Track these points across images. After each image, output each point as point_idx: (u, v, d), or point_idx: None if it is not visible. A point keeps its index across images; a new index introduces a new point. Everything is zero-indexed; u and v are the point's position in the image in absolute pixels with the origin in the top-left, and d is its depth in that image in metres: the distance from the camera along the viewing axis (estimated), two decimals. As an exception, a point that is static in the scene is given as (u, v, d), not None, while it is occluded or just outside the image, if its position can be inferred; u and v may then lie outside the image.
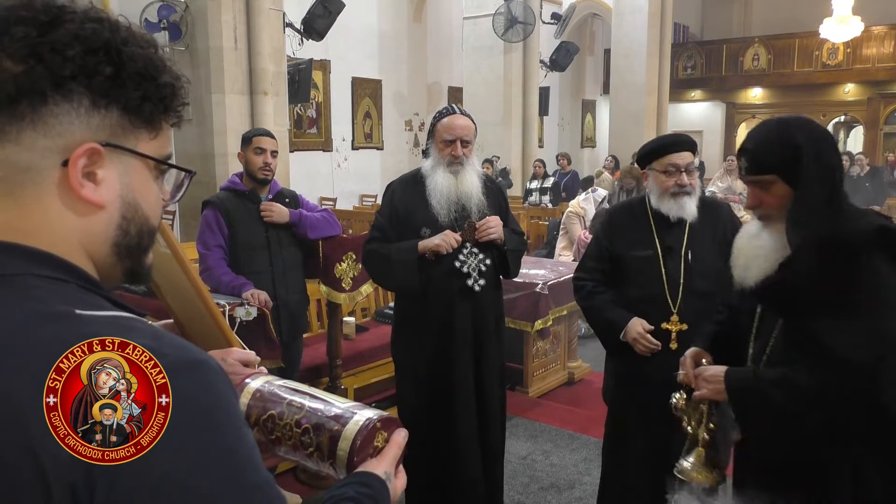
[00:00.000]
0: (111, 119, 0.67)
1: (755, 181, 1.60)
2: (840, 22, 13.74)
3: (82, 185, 0.66)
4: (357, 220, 8.44)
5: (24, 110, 0.63)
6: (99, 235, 0.69)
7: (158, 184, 0.75)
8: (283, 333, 3.14)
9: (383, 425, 0.88)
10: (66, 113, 0.64)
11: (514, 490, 3.36)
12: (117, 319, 0.64)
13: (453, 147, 2.63)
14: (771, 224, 1.62)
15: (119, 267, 0.73)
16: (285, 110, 7.04)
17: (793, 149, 1.54)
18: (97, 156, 0.66)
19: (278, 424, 0.90)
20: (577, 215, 6.29)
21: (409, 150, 12.65)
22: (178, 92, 0.72)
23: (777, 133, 1.59)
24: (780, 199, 1.57)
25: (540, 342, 4.69)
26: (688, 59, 17.75)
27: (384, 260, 2.68)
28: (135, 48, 0.68)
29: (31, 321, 0.61)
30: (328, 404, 0.90)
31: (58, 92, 0.64)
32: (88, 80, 0.65)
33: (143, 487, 0.58)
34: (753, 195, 1.63)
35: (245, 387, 0.94)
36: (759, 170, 1.58)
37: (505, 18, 10.27)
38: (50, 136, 0.64)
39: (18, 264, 0.64)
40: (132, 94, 0.67)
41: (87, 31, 0.65)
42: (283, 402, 0.91)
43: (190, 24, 6.10)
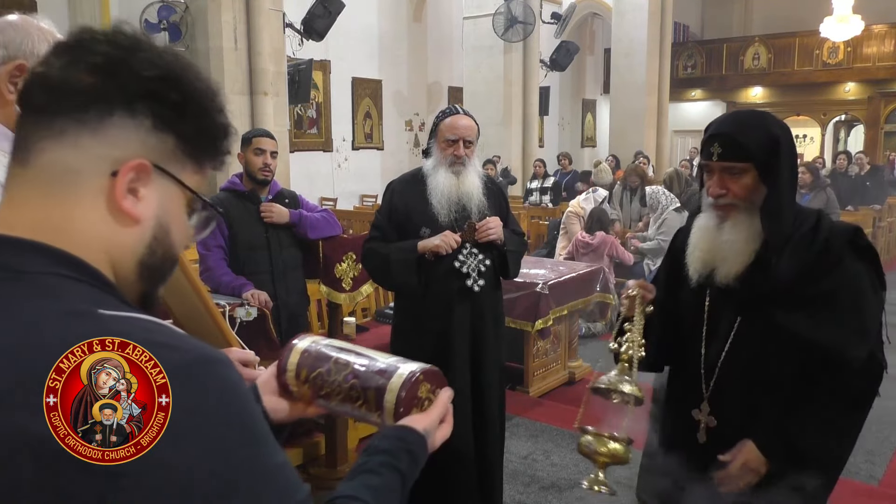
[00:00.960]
0: (166, 144, 0.71)
1: (728, 167, 1.55)
2: (840, 21, 13.75)
3: (124, 197, 0.69)
4: (357, 220, 8.44)
5: (91, 118, 0.67)
6: (128, 249, 0.71)
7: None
8: (284, 334, 3.14)
9: (426, 377, 0.93)
10: (127, 128, 0.68)
11: (515, 490, 3.36)
12: (137, 320, 0.65)
13: (456, 147, 2.63)
14: (732, 216, 1.58)
15: (137, 287, 0.74)
16: (285, 110, 7.05)
17: (772, 139, 1.52)
18: (144, 173, 0.69)
19: (327, 381, 0.95)
20: (576, 215, 6.29)
21: (409, 150, 12.65)
22: (228, 136, 0.77)
23: (757, 122, 1.56)
24: (747, 190, 1.54)
25: (540, 342, 4.69)
26: (688, 58, 17.75)
27: (383, 259, 2.68)
28: (202, 85, 0.73)
29: (52, 319, 0.62)
30: (373, 360, 0.94)
31: (125, 108, 0.68)
32: (155, 103, 0.69)
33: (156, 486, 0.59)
34: (721, 182, 1.56)
35: (293, 347, 0.99)
36: (737, 156, 1.53)
37: (505, 18, 10.27)
38: (106, 146, 0.68)
39: (42, 263, 0.65)
40: (190, 125, 0.72)
41: (163, 61, 0.70)
42: (330, 359, 0.96)
43: (190, 24, 6.11)
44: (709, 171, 1.59)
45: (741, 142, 1.52)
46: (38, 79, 0.69)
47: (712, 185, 1.58)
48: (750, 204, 1.56)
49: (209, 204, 0.79)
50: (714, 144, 1.55)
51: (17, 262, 0.65)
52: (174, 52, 0.73)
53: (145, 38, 0.72)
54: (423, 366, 0.94)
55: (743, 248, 1.57)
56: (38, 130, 0.68)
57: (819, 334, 1.50)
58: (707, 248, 1.63)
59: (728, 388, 1.67)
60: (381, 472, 0.84)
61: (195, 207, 0.78)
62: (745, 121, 1.58)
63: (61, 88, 0.67)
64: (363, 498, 0.80)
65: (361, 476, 0.84)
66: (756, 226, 1.56)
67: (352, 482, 0.83)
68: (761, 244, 1.57)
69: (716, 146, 1.55)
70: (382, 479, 0.84)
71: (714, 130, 1.58)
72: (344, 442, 3.39)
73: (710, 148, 1.55)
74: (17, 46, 1.41)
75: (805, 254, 1.54)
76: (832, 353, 1.53)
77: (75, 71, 0.67)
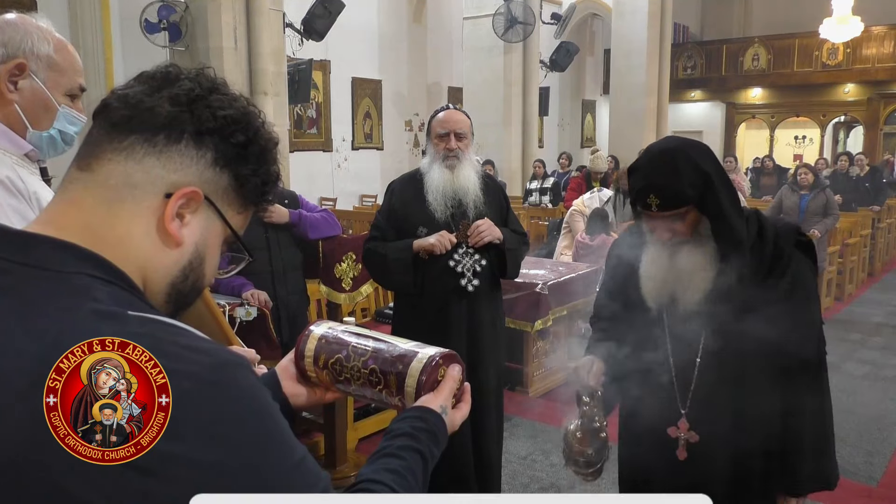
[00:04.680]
0: (220, 180, 0.76)
1: (670, 215, 1.55)
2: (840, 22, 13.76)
3: (172, 219, 0.73)
4: (357, 221, 8.44)
5: (160, 141, 0.72)
6: (163, 269, 0.75)
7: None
8: (283, 333, 3.14)
9: (444, 361, 0.94)
10: (189, 157, 0.74)
11: (515, 490, 3.36)
12: (164, 323, 0.67)
13: (447, 140, 2.63)
14: (684, 246, 1.61)
15: (162, 309, 0.77)
16: (285, 111, 7.05)
17: (703, 175, 1.53)
18: (195, 202, 0.74)
19: (346, 367, 0.96)
20: (580, 213, 6.27)
21: (409, 151, 12.65)
22: (276, 185, 0.82)
23: (684, 162, 1.54)
24: (692, 225, 1.57)
25: (540, 342, 4.69)
26: (688, 59, 17.75)
27: (381, 259, 2.69)
28: (265, 134, 0.80)
29: (87, 318, 0.63)
30: (391, 345, 0.96)
31: (193, 139, 0.74)
32: (221, 140, 0.75)
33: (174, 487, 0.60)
34: (667, 228, 1.58)
35: (310, 334, 1.00)
36: (676, 204, 1.53)
37: (505, 18, 10.27)
38: (167, 169, 0.73)
39: (77, 264, 0.68)
40: (247, 168, 0.77)
41: (236, 104, 0.77)
42: (348, 346, 0.97)
43: (190, 24, 6.10)
44: (649, 218, 1.60)
45: (677, 190, 1.52)
46: (120, 98, 0.74)
47: (658, 231, 1.60)
48: (698, 234, 1.59)
49: (245, 247, 0.85)
50: (650, 196, 1.54)
51: (57, 262, 0.67)
52: (246, 98, 0.80)
53: (223, 83, 0.78)
54: (441, 350, 0.95)
55: (703, 274, 1.60)
56: (109, 143, 0.73)
57: (783, 336, 1.52)
58: (663, 278, 1.65)
59: (707, 402, 1.67)
60: (402, 455, 0.86)
61: (230, 246, 0.83)
62: (674, 164, 1.54)
63: (141, 110, 0.72)
64: (384, 481, 0.82)
65: (382, 460, 0.85)
66: (710, 249, 1.59)
67: (373, 466, 0.85)
68: (718, 264, 1.59)
69: (653, 198, 1.54)
70: (403, 462, 0.85)
71: (647, 181, 1.56)
72: (343, 442, 3.39)
73: (647, 199, 1.54)
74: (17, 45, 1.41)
75: (759, 261, 1.59)
76: (799, 353, 1.58)
77: (158, 98, 0.73)
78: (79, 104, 1.53)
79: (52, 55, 1.45)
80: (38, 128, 1.47)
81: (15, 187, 1.39)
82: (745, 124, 18.59)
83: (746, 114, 18.23)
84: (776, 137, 18.11)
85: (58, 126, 1.49)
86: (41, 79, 1.44)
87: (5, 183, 1.37)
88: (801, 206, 6.77)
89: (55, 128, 1.48)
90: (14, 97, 1.42)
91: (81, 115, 1.53)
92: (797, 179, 6.89)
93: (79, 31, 7.08)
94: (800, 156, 17.23)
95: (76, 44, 5.70)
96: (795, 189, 6.87)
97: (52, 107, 1.46)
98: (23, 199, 1.39)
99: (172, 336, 0.65)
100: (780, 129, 18.15)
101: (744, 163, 14.43)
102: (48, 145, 1.50)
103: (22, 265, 0.67)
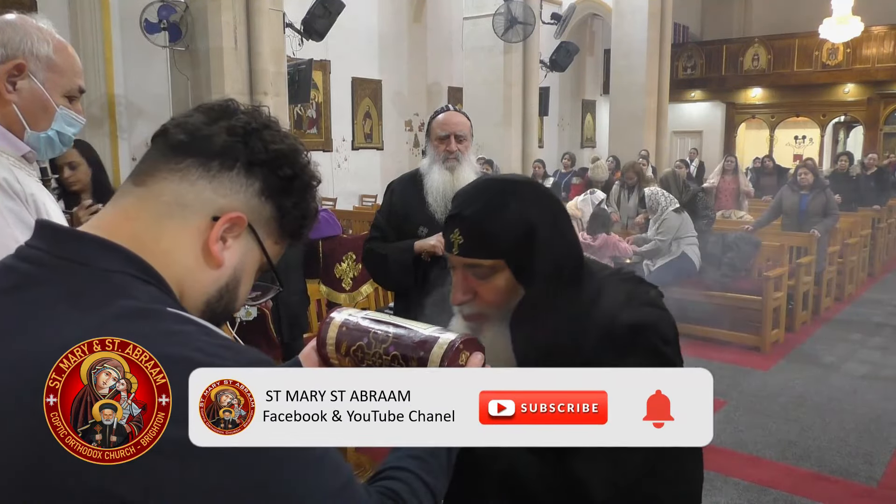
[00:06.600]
0: (264, 210, 0.80)
1: (473, 265, 1.12)
2: (840, 22, 13.77)
3: (216, 241, 0.77)
4: (357, 220, 8.44)
5: (214, 167, 0.77)
6: (200, 286, 0.78)
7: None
8: (284, 333, 3.15)
9: (465, 346, 0.94)
10: (239, 185, 0.78)
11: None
12: (200, 324, 0.71)
13: (447, 142, 2.63)
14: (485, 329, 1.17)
15: None
16: (285, 111, 7.04)
17: (526, 226, 1.10)
18: (239, 227, 0.79)
19: (367, 354, 0.96)
20: (573, 217, 6.30)
21: (409, 151, 12.65)
22: (314, 220, 0.87)
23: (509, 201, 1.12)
24: (499, 294, 1.13)
25: (540, 342, 4.68)
26: (688, 59, 17.76)
27: (382, 259, 2.69)
28: (310, 171, 0.85)
29: (127, 315, 0.65)
30: (411, 331, 0.96)
31: (244, 168, 0.78)
32: (269, 172, 0.79)
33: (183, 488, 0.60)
34: (465, 283, 1.15)
35: (331, 321, 1.00)
36: (483, 251, 1.10)
37: (505, 19, 10.27)
38: (217, 194, 0.77)
39: (122, 264, 0.71)
40: (290, 201, 0.82)
41: (287, 141, 0.83)
42: (369, 333, 0.97)
43: (190, 24, 6.10)
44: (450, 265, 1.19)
45: (488, 232, 1.09)
46: (180, 124, 0.79)
47: (454, 289, 1.18)
48: (507, 312, 1.15)
49: (278, 277, 0.89)
50: (454, 231, 1.12)
51: (102, 260, 0.71)
52: (295, 137, 0.86)
53: (275, 120, 0.84)
54: (461, 335, 0.95)
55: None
56: (166, 163, 0.77)
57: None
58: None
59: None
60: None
61: (264, 272, 0.86)
62: (495, 200, 1.12)
63: (200, 137, 0.78)
64: (409, 467, 0.83)
65: (406, 447, 0.86)
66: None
67: (397, 453, 0.86)
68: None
69: (456, 234, 1.12)
70: (427, 448, 0.86)
71: (457, 209, 1.15)
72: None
73: (451, 235, 1.13)
74: (16, 46, 1.41)
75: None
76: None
77: (216, 128, 0.78)
78: (77, 105, 1.52)
79: (52, 56, 1.44)
80: (37, 129, 1.46)
81: (11, 189, 1.38)
82: (745, 124, 18.60)
83: (746, 114, 18.23)
84: (776, 137, 18.12)
85: (56, 127, 1.48)
86: (40, 80, 1.44)
87: (1, 185, 1.37)
88: (800, 206, 6.78)
89: (53, 129, 1.48)
90: (12, 98, 1.42)
91: (80, 116, 1.52)
92: (797, 179, 6.90)
93: (79, 32, 7.09)
94: (800, 156, 17.24)
95: (76, 44, 5.70)
96: (795, 189, 6.87)
97: (50, 108, 1.46)
98: (19, 201, 1.38)
99: (208, 335, 0.69)
100: (780, 129, 18.16)
101: (744, 163, 14.43)
102: (46, 146, 1.49)
103: (59, 258, 0.70)
